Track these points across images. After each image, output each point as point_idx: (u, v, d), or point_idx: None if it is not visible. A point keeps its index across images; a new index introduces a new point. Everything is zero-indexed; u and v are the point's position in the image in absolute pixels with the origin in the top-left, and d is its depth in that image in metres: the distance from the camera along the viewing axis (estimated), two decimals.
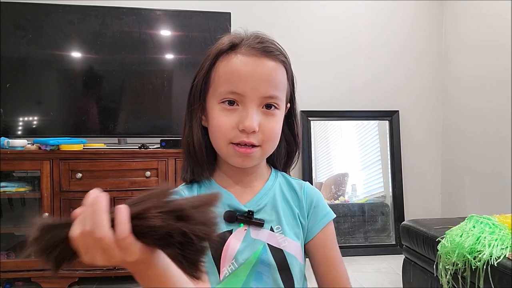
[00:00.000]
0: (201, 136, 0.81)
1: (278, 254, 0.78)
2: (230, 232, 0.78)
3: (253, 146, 0.76)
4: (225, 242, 0.77)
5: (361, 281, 2.45)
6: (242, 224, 0.79)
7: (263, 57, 0.76)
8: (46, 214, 2.29)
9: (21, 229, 2.46)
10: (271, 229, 0.79)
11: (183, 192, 0.82)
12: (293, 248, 0.79)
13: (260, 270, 0.77)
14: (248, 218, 0.78)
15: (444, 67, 3.18)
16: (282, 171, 0.90)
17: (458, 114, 3.04)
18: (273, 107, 0.77)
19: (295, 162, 0.91)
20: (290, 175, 0.91)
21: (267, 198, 0.82)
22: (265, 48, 0.77)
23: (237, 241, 0.77)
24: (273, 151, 0.82)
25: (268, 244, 0.78)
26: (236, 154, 0.76)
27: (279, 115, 0.79)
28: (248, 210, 0.79)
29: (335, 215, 0.85)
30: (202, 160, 0.81)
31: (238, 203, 0.80)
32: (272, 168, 0.89)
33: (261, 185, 0.84)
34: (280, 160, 0.89)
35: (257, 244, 0.78)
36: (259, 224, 0.78)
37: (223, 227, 0.78)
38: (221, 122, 0.76)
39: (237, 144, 0.76)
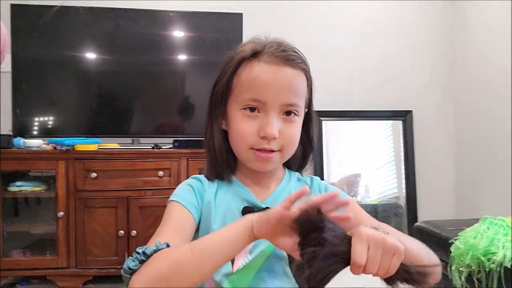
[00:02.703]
0: (222, 139, 0.84)
1: None
2: None
3: (273, 150, 0.79)
4: None
5: (373, 283, 2.43)
6: None
7: (285, 66, 0.78)
8: (61, 213, 2.32)
9: (37, 228, 2.51)
10: None
11: (206, 182, 0.85)
12: None
13: (272, 262, 0.78)
14: None
15: (458, 66, 3.15)
16: (296, 171, 0.92)
17: (473, 114, 3.00)
18: (292, 114, 0.80)
19: (309, 164, 0.93)
20: (302, 175, 0.93)
21: (283, 195, 0.84)
22: (287, 57, 0.79)
23: None
24: (291, 155, 0.84)
25: None
26: (256, 158, 0.79)
27: (298, 121, 0.82)
28: (266, 207, 0.81)
29: (352, 198, 0.86)
30: (223, 162, 0.84)
31: (256, 200, 0.83)
32: (286, 169, 0.91)
33: (276, 185, 0.87)
34: (295, 162, 0.91)
35: None
36: None
37: None
38: (243, 128, 0.79)
39: (258, 150, 0.79)
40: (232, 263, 0.77)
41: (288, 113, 0.79)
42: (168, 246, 0.68)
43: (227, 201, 0.83)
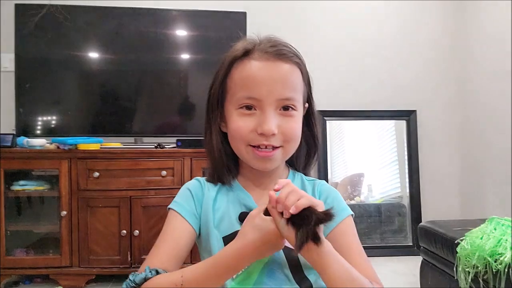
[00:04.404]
0: (221, 141, 0.84)
1: (290, 254, 0.78)
2: None
3: (273, 148, 0.78)
4: None
5: None
6: None
7: (277, 61, 0.77)
8: (64, 212, 2.32)
9: (40, 227, 2.51)
10: None
11: (206, 186, 0.85)
12: None
13: (272, 267, 0.78)
14: None
15: (462, 65, 3.13)
16: (302, 172, 0.90)
17: (477, 113, 2.98)
18: (290, 109, 0.78)
19: (314, 163, 0.91)
20: (310, 175, 0.91)
21: None
22: (278, 51, 0.78)
23: None
24: (294, 151, 0.82)
25: None
26: (256, 157, 0.78)
27: (297, 115, 0.80)
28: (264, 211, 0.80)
29: (351, 212, 0.83)
30: (223, 165, 0.83)
31: (254, 204, 0.81)
32: (290, 169, 0.89)
33: None
34: (299, 161, 0.89)
35: None
36: None
37: (237, 226, 0.79)
38: (239, 125, 0.78)
39: (257, 147, 0.77)
40: None
41: (286, 108, 0.78)
42: (157, 272, 0.72)
43: (225, 206, 0.82)
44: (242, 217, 0.79)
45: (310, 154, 0.89)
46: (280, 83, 0.76)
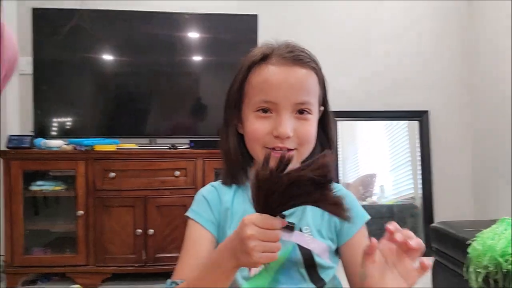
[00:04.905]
0: (237, 143, 0.85)
1: (307, 254, 0.80)
2: None
3: (288, 150, 0.78)
4: None
5: None
6: None
7: (294, 66, 0.79)
8: (81, 212, 2.37)
9: (57, 226, 2.57)
10: (300, 230, 0.82)
11: (222, 190, 0.86)
12: (321, 249, 0.81)
13: (289, 267, 0.79)
14: None
15: (475, 66, 3.11)
16: None
17: (490, 114, 2.96)
18: (305, 112, 0.80)
19: None
20: None
21: None
22: (295, 57, 0.80)
23: None
24: (308, 154, 0.83)
25: (298, 244, 0.80)
26: (272, 159, 0.77)
27: (312, 119, 0.82)
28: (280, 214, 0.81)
29: (369, 217, 0.86)
30: (238, 165, 0.85)
31: None
32: None
33: None
34: None
35: (287, 244, 0.80)
36: (290, 227, 0.80)
37: None
38: (256, 128, 0.80)
39: (272, 149, 0.78)
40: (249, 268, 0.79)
41: (301, 111, 0.80)
42: (176, 284, 0.76)
43: (242, 211, 0.83)
44: None
45: None
46: (296, 87, 0.78)
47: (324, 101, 0.87)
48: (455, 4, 3.14)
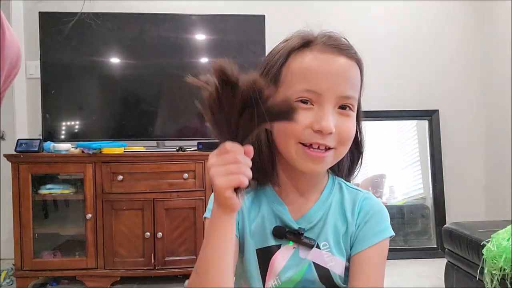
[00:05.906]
0: (266, 137, 0.75)
1: (324, 273, 0.75)
2: (278, 247, 0.76)
3: (326, 149, 0.71)
4: (271, 256, 0.76)
5: (401, 285, 2.39)
6: (291, 242, 0.76)
7: (340, 55, 0.73)
8: (89, 215, 2.37)
9: (66, 229, 2.57)
10: (317, 246, 0.76)
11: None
12: (339, 267, 0.76)
13: (305, 285, 0.75)
14: (298, 237, 0.75)
15: (485, 64, 3.07)
16: (345, 179, 0.84)
17: (501, 112, 2.92)
18: (348, 108, 0.73)
19: (358, 169, 0.86)
20: (350, 181, 0.85)
21: (320, 213, 0.77)
22: (341, 46, 0.74)
23: (283, 258, 0.76)
24: (344, 155, 0.76)
25: (314, 262, 0.76)
26: (306, 157, 0.71)
27: (353, 116, 0.75)
28: (299, 228, 0.76)
29: (392, 233, 0.77)
30: (269, 161, 0.76)
31: (290, 219, 0.77)
32: (330, 175, 0.83)
33: (316, 196, 0.79)
34: (343, 167, 0.83)
35: (303, 263, 0.76)
36: (309, 245, 0.75)
37: (271, 241, 0.76)
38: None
39: (309, 146, 0.70)
40: (264, 283, 0.76)
41: (343, 107, 0.72)
42: None
43: (261, 217, 0.78)
44: (276, 231, 0.76)
45: (353, 160, 0.84)
46: (342, 78, 0.71)
47: (359, 100, 0.79)
48: (468, 3, 3.10)
